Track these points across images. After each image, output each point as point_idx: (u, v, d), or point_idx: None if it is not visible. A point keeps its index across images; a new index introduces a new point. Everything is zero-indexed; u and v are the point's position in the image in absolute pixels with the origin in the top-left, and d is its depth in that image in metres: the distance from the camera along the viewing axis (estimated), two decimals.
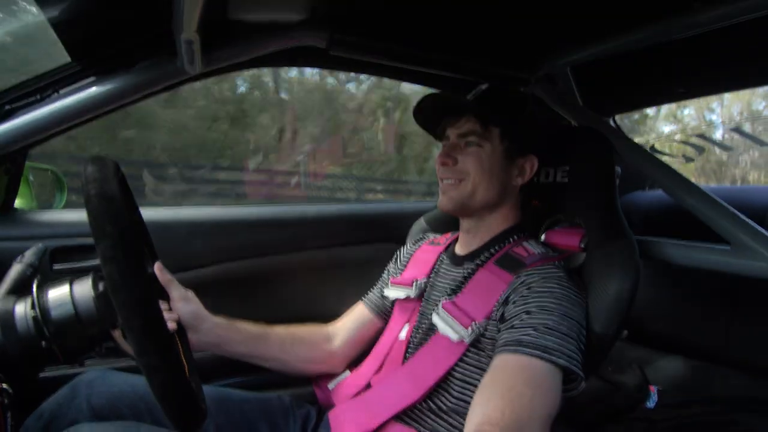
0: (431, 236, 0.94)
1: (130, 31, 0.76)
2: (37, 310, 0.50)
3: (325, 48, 0.81)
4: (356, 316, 0.91)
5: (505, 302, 0.66)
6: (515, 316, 0.63)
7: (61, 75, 0.78)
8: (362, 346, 0.90)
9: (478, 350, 0.67)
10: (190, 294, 0.76)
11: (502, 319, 0.65)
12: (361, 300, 0.93)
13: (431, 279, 0.81)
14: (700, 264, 0.78)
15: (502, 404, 0.54)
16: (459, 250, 0.81)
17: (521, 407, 0.53)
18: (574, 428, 0.97)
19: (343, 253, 1.21)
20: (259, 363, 0.83)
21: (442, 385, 0.68)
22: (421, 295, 0.80)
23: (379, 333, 0.90)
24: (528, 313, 0.62)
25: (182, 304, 0.74)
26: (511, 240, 0.76)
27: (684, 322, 1.17)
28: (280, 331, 0.85)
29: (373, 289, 0.93)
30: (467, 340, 0.66)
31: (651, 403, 1.09)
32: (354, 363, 0.87)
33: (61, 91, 0.78)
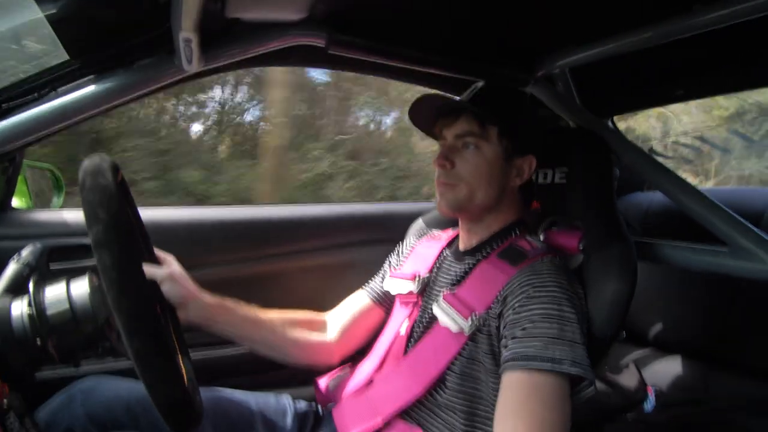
0: (433, 231, 0.93)
1: (128, 29, 0.76)
2: (34, 309, 0.50)
3: (323, 47, 0.81)
4: (355, 304, 0.90)
5: (504, 300, 0.65)
6: (517, 324, 0.61)
7: (59, 73, 0.77)
8: (360, 337, 0.89)
9: (475, 343, 0.67)
10: (177, 273, 0.73)
11: (500, 317, 0.65)
12: (362, 287, 0.92)
13: (433, 274, 0.81)
14: (698, 265, 0.78)
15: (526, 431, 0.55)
16: (461, 245, 0.80)
17: (545, 428, 0.56)
18: (571, 429, 0.97)
19: (343, 253, 1.20)
20: (249, 345, 0.81)
21: (440, 379, 0.68)
22: (423, 291, 0.80)
23: (380, 323, 0.89)
24: (531, 321, 0.61)
25: (168, 286, 0.70)
26: (513, 234, 0.76)
27: (682, 323, 1.17)
28: (273, 315, 0.83)
29: (374, 278, 0.93)
30: (467, 332, 0.66)
31: (649, 406, 1.09)
32: (354, 360, 0.86)
33: (60, 90, 0.77)
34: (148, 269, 0.68)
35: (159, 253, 0.75)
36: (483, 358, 0.66)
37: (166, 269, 0.72)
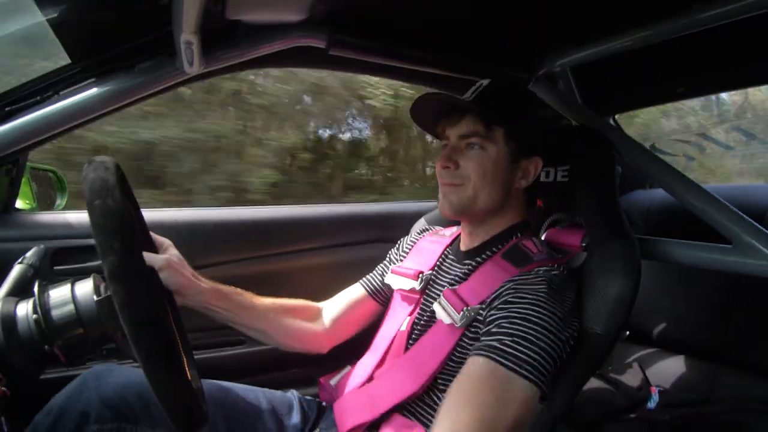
0: (436, 228, 0.93)
1: (129, 32, 0.76)
2: (39, 311, 0.50)
3: (324, 48, 0.82)
4: (350, 296, 0.91)
5: (498, 296, 0.65)
6: (496, 320, 0.61)
7: (61, 76, 0.78)
8: (352, 328, 0.90)
9: (470, 338, 0.66)
10: (175, 259, 0.73)
11: (488, 310, 0.64)
12: (359, 281, 0.93)
13: (435, 272, 0.80)
14: (702, 263, 0.77)
15: (470, 418, 0.55)
16: (462, 246, 0.80)
17: (488, 420, 0.55)
18: (575, 428, 0.97)
19: (343, 253, 1.21)
20: (242, 331, 0.82)
21: (439, 375, 0.68)
22: (425, 289, 0.80)
23: (372, 317, 0.90)
24: (509, 320, 0.60)
25: (167, 274, 0.70)
26: (515, 236, 0.75)
27: (685, 321, 1.17)
28: (267, 302, 0.84)
29: (373, 272, 0.93)
30: (458, 324, 0.66)
31: (652, 404, 1.09)
32: (355, 357, 0.86)
33: (62, 93, 0.78)
34: (147, 257, 0.66)
35: (156, 237, 0.76)
36: None
37: (165, 256, 0.72)
